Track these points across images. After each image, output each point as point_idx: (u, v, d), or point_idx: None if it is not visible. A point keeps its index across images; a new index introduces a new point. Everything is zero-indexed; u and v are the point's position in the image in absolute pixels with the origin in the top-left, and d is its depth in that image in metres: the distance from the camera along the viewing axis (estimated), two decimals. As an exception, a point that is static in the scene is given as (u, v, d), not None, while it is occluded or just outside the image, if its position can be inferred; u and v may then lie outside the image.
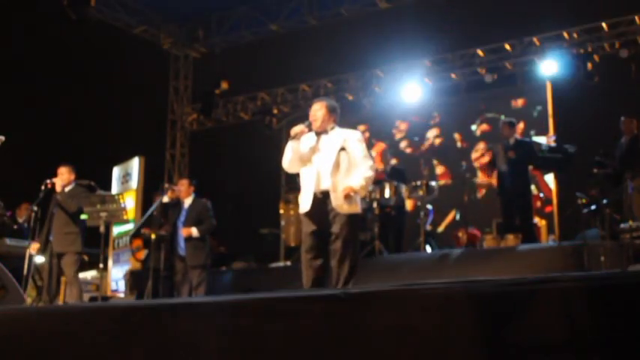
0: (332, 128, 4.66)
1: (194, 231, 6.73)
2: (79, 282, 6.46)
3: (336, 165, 4.50)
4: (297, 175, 4.87)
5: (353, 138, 4.63)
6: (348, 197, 4.40)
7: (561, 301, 1.73)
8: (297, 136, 4.57)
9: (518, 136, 8.25)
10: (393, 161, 10.21)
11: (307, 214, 4.54)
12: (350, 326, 1.94)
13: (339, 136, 4.63)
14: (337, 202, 4.43)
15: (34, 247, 6.49)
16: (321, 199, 4.49)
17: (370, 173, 4.56)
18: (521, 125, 10.04)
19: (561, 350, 1.69)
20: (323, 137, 4.62)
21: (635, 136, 7.39)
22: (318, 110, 4.65)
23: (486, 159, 8.08)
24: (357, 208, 4.53)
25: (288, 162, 4.65)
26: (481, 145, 10.53)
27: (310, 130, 4.64)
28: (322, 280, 4.54)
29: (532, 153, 7.73)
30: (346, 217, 4.43)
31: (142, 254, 7.80)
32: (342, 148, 4.55)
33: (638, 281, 1.71)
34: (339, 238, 4.42)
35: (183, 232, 6.75)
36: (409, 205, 9.00)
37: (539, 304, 1.74)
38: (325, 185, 4.50)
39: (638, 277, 1.73)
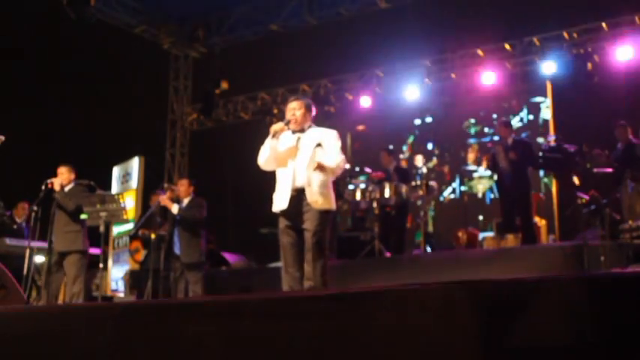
0: (309, 127, 4.68)
1: (174, 208, 6.75)
2: (83, 282, 6.41)
3: (312, 160, 4.51)
4: None
5: (329, 136, 4.64)
6: (319, 168, 4.42)
7: (561, 301, 1.73)
8: (276, 135, 4.56)
9: (515, 135, 8.25)
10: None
11: (284, 212, 4.54)
12: (350, 326, 1.94)
13: (316, 134, 4.64)
14: (312, 197, 4.45)
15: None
16: (297, 197, 4.49)
17: (342, 164, 4.61)
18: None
19: (561, 350, 1.69)
20: (300, 136, 4.63)
21: (630, 144, 7.40)
22: (297, 109, 4.64)
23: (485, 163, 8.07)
24: (330, 204, 4.55)
25: (265, 160, 4.63)
26: (475, 147, 10.60)
27: (288, 128, 4.64)
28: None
29: (532, 153, 7.74)
30: (319, 212, 4.45)
31: (141, 255, 7.81)
32: (319, 144, 4.57)
33: (638, 281, 1.71)
34: (310, 233, 4.42)
35: (160, 198, 6.78)
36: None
37: (539, 304, 1.74)
38: (300, 181, 4.50)
39: (638, 277, 1.73)
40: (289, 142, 4.63)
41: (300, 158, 4.54)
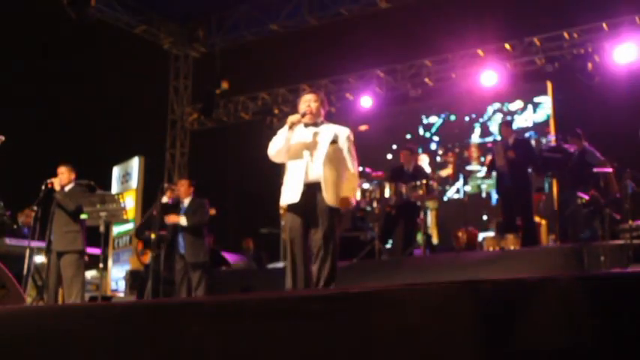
0: (321, 122, 4.63)
1: (182, 220, 6.74)
2: (81, 282, 6.38)
3: (328, 156, 4.46)
4: None
5: (344, 134, 4.60)
6: (346, 205, 4.48)
7: (561, 301, 1.73)
8: (293, 126, 4.50)
9: (517, 135, 8.26)
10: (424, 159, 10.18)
11: (294, 206, 4.45)
12: (350, 326, 1.94)
13: (330, 129, 4.59)
14: (327, 193, 4.39)
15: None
16: (308, 191, 4.41)
17: (357, 181, 4.72)
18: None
19: (561, 350, 1.70)
20: (313, 129, 4.57)
21: (583, 150, 7.46)
22: (312, 101, 4.59)
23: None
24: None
25: (277, 150, 4.53)
26: (473, 147, 10.63)
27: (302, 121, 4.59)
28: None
29: (532, 152, 7.74)
30: (330, 210, 4.39)
31: (148, 257, 7.78)
32: (334, 141, 4.52)
33: (638, 281, 1.71)
34: (320, 234, 4.36)
35: (168, 218, 6.76)
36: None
37: (539, 304, 1.74)
38: (314, 176, 4.43)
39: (638, 277, 1.73)
40: (303, 135, 4.56)
41: (315, 153, 4.47)
